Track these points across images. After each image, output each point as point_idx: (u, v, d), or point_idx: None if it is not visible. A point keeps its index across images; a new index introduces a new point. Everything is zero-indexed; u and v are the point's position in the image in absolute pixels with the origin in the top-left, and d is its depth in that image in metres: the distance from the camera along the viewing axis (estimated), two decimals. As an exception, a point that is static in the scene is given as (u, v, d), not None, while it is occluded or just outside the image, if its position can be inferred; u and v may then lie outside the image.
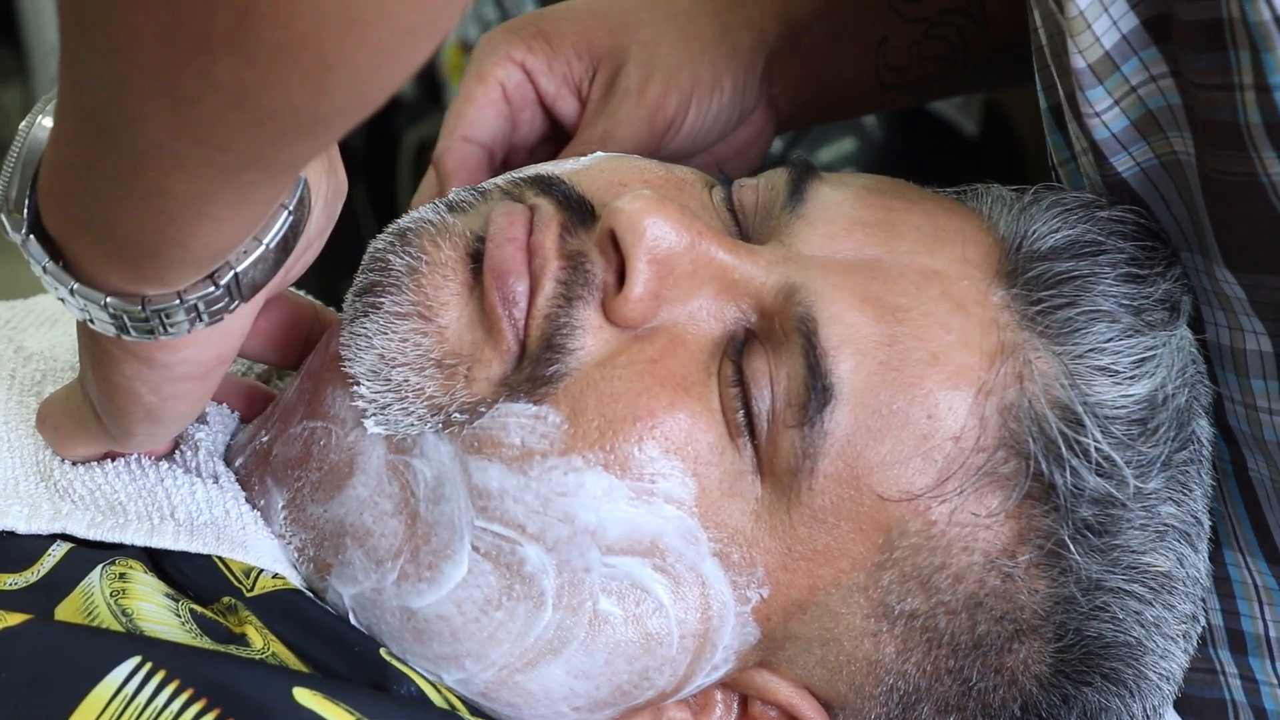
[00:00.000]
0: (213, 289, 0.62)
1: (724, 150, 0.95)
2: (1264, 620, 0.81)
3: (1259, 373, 0.73)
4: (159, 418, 0.69)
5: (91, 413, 0.71)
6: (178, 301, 0.62)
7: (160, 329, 0.63)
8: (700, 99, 0.90)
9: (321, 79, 0.46)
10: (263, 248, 0.63)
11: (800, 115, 0.98)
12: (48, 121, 0.61)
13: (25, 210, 0.61)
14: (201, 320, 0.63)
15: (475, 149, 0.89)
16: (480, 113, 0.90)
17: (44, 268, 0.62)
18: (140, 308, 0.61)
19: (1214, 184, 0.69)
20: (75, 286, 0.61)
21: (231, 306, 0.63)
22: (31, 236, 0.62)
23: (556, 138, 0.93)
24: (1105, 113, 0.73)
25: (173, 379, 0.67)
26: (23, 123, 0.62)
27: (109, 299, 0.61)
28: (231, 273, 0.62)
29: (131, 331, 0.63)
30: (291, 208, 0.63)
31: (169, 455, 0.77)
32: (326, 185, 0.68)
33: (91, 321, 0.63)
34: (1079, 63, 0.71)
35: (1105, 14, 0.70)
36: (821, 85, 0.95)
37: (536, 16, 0.93)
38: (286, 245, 0.64)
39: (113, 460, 0.76)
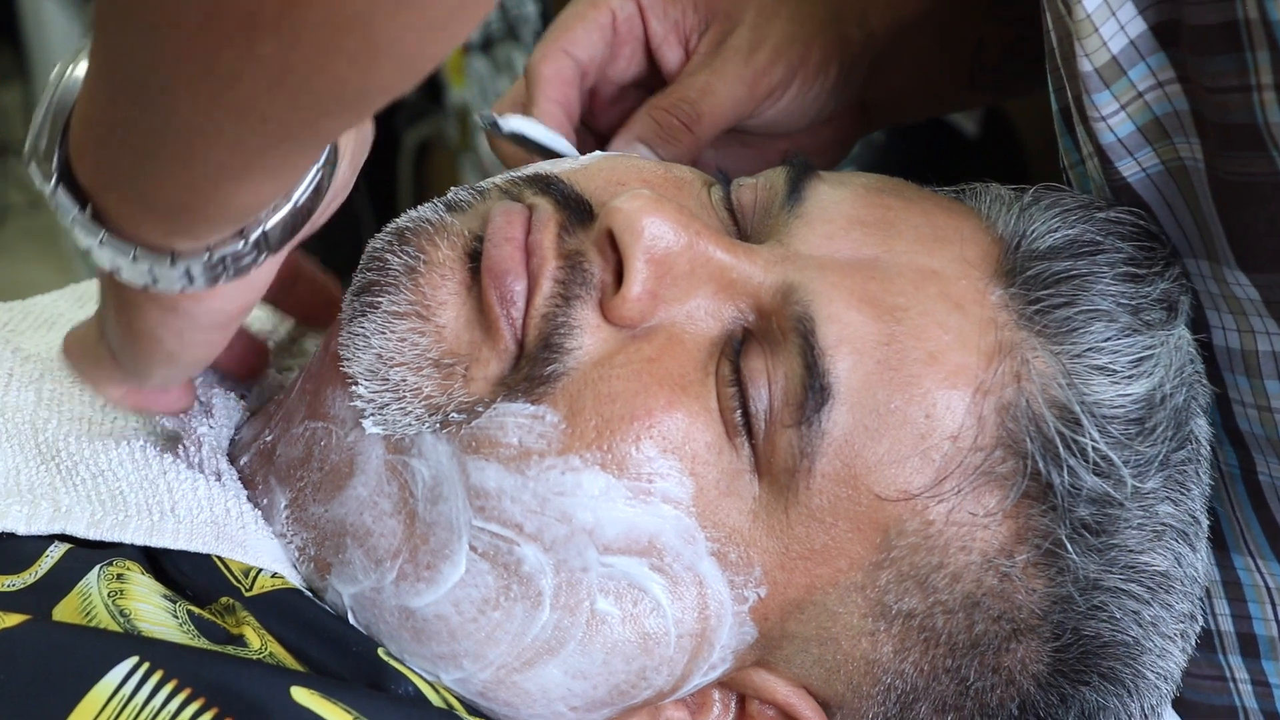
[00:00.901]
0: (241, 245, 0.62)
1: (806, 141, 0.94)
2: (1276, 622, 0.81)
3: (1273, 374, 0.73)
4: (179, 361, 0.69)
5: (107, 355, 0.72)
6: (206, 256, 0.62)
7: (188, 282, 0.63)
8: (805, 77, 0.89)
9: (370, 58, 0.47)
10: (291, 205, 0.63)
11: (886, 117, 0.97)
12: (80, 73, 0.61)
13: (55, 161, 0.62)
14: (228, 273, 0.63)
15: (571, 63, 0.88)
16: (586, 32, 0.89)
17: (73, 218, 0.62)
18: (170, 261, 0.62)
19: (1227, 187, 0.69)
20: (104, 237, 0.62)
21: (260, 260, 0.64)
22: (61, 187, 0.62)
23: (649, 83, 0.92)
24: (1111, 117, 0.73)
25: (197, 328, 0.67)
26: (54, 72, 0.62)
27: (138, 251, 0.61)
28: (260, 229, 0.63)
29: (159, 282, 0.63)
30: (320, 164, 0.63)
31: (173, 450, 0.77)
32: (353, 139, 0.69)
33: (119, 272, 0.63)
34: (1086, 66, 0.71)
35: (1113, 18, 0.70)
36: (918, 85, 0.95)
37: None
38: (314, 201, 0.64)
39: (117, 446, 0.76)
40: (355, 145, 0.69)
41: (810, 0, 0.90)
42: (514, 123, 0.82)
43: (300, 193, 0.63)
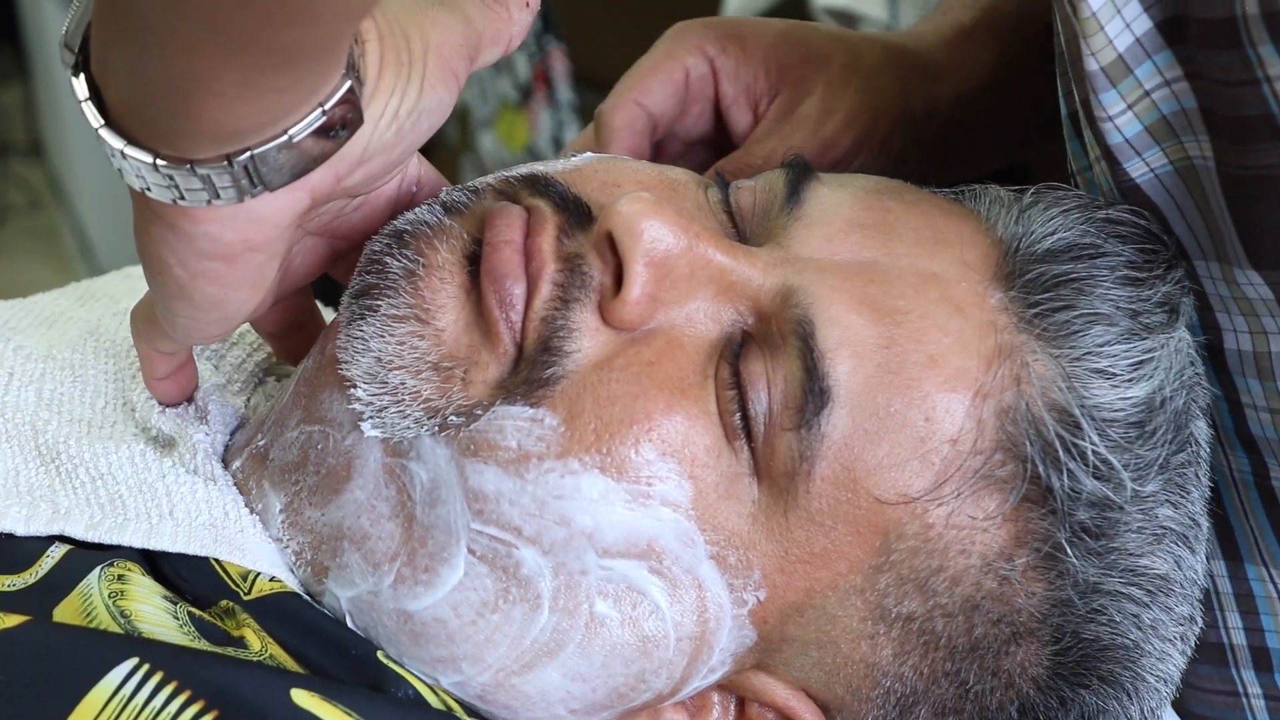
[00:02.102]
0: (226, 165, 0.62)
1: None
2: None
3: None
4: (192, 297, 0.68)
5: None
6: (188, 168, 0.62)
7: (176, 193, 0.63)
8: (871, 150, 0.90)
9: None
10: (284, 138, 0.62)
11: (953, 172, 0.97)
12: None
13: (77, 50, 0.63)
14: (219, 196, 0.63)
15: (643, 115, 0.90)
16: (660, 86, 0.90)
17: (81, 104, 0.63)
18: (151, 164, 0.62)
19: (1239, 182, 0.69)
20: (102, 125, 0.63)
21: (253, 191, 0.63)
22: (81, 76, 0.63)
23: (715, 142, 0.93)
24: (1119, 117, 0.72)
25: (196, 253, 0.66)
26: None
27: (126, 148, 0.62)
28: (247, 155, 0.62)
29: (152, 190, 0.63)
30: (327, 107, 0.63)
31: (170, 453, 0.77)
32: (400, 100, 0.68)
33: (121, 170, 0.64)
34: (1092, 65, 0.71)
35: (1118, 15, 0.70)
36: (982, 143, 0.96)
37: (738, 21, 0.94)
38: (315, 148, 0.64)
39: (118, 449, 0.76)
40: (404, 108, 0.68)
41: (880, 75, 0.91)
42: None
43: (298, 129, 0.62)
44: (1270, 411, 0.74)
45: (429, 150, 0.75)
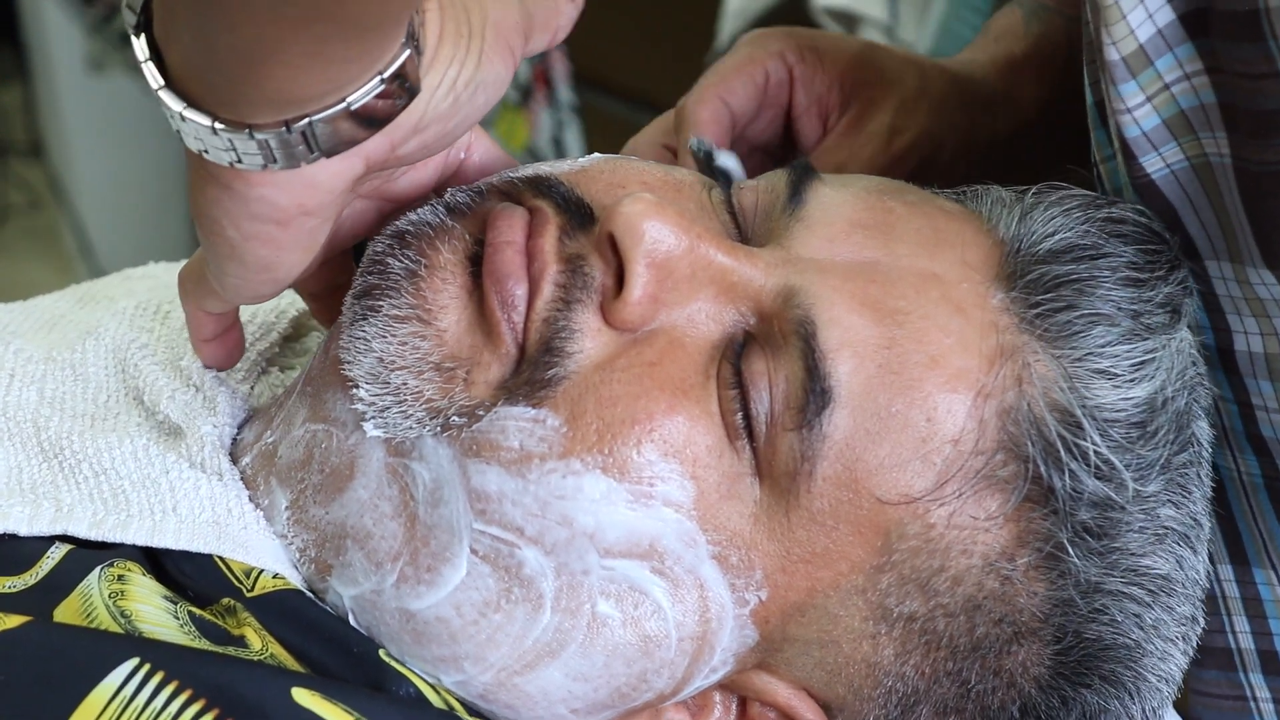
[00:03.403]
0: (285, 132, 0.63)
1: None
2: None
3: None
4: (243, 258, 0.69)
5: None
6: (246, 133, 0.63)
7: (234, 156, 0.63)
8: (935, 174, 0.90)
9: None
10: (343, 105, 0.63)
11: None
12: None
13: (139, 10, 0.64)
14: (275, 161, 0.64)
15: (726, 112, 0.90)
16: (743, 86, 0.91)
17: (141, 65, 0.64)
18: (210, 128, 0.63)
19: (1256, 179, 0.69)
20: (162, 87, 0.63)
21: (310, 157, 0.64)
22: (142, 36, 0.64)
23: (777, 151, 0.94)
24: (1137, 109, 0.72)
25: (250, 215, 0.67)
26: None
27: (185, 110, 0.63)
28: (306, 121, 0.63)
29: (210, 152, 0.64)
30: (386, 75, 0.63)
31: (175, 447, 0.77)
32: (458, 71, 0.68)
33: (180, 132, 0.64)
34: (1113, 55, 0.71)
35: (1141, 5, 0.69)
36: (1032, 176, 0.97)
37: (818, 34, 0.95)
38: (375, 114, 0.64)
39: (120, 443, 0.76)
40: (462, 80, 0.68)
41: (948, 103, 0.92)
42: (726, 160, 0.82)
43: (356, 97, 0.63)
44: None
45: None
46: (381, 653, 0.71)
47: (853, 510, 0.70)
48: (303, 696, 0.64)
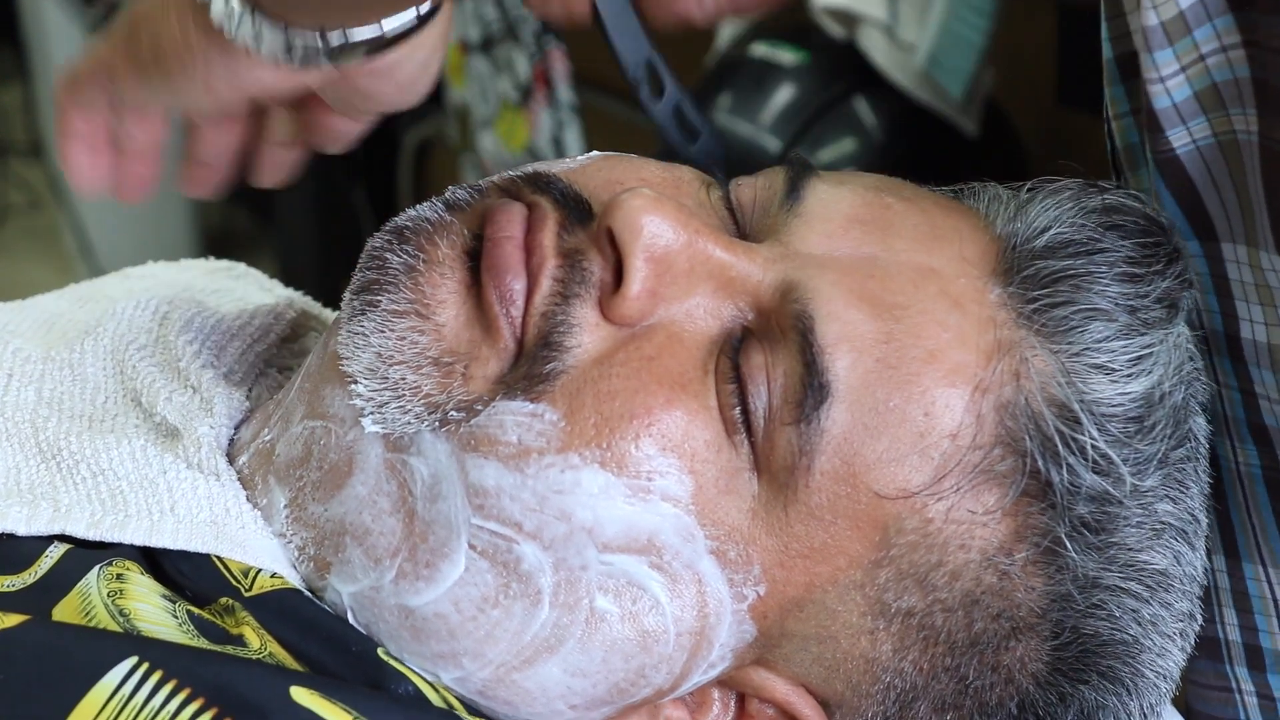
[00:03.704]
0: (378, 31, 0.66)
1: None
2: None
3: None
4: (185, 87, 0.71)
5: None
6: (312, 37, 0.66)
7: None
8: None
9: None
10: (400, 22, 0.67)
11: None
12: None
13: None
14: (292, 59, 0.67)
15: None
16: None
17: None
18: (320, 38, 0.66)
19: (1274, 156, 0.68)
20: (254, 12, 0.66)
21: (322, 50, 0.67)
22: None
23: None
24: (1170, 79, 0.71)
25: (232, 83, 0.70)
26: None
27: (289, 30, 0.66)
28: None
29: (264, 41, 0.66)
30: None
31: (172, 448, 0.77)
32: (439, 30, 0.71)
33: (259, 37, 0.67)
34: (1151, 19, 0.70)
35: None
36: None
37: None
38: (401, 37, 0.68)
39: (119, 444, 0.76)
40: (439, 39, 0.72)
41: None
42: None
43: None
44: None
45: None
46: (380, 651, 0.71)
47: (851, 505, 0.70)
48: (301, 695, 0.64)
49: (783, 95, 1.90)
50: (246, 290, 0.94)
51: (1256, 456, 0.77)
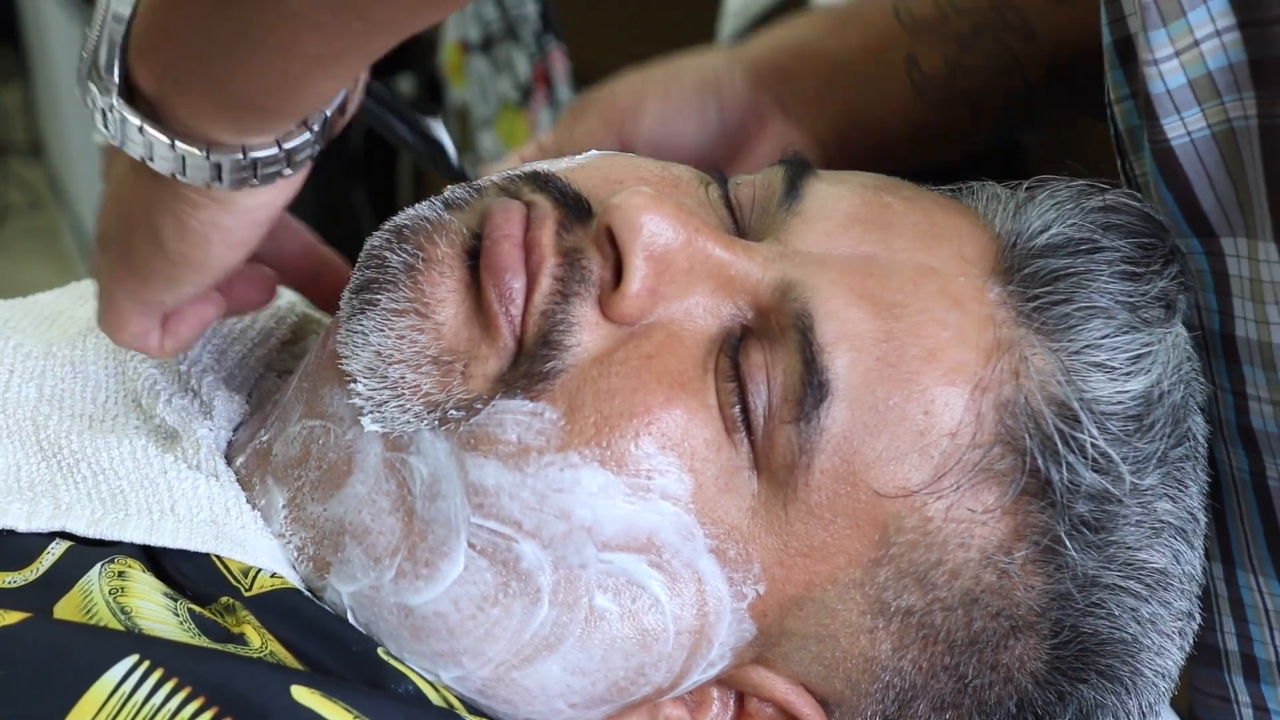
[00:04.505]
0: (307, 135, 0.66)
1: (726, 158, 0.97)
2: (1274, 646, 0.79)
3: None
4: (214, 268, 0.71)
5: (124, 278, 0.74)
6: (276, 150, 0.65)
7: (252, 175, 0.66)
8: (654, 95, 0.95)
9: None
10: (359, 87, 0.67)
11: (842, 138, 0.99)
12: (123, 9, 0.65)
13: (115, 73, 0.65)
14: (291, 168, 0.67)
15: None
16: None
17: (140, 128, 0.65)
18: (241, 157, 0.65)
19: (1272, 134, 0.67)
20: (176, 141, 0.65)
21: (315, 151, 0.67)
22: (121, 99, 0.65)
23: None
24: (1165, 62, 0.71)
25: (249, 224, 0.70)
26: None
27: (211, 151, 0.64)
28: (323, 116, 0.66)
29: (224, 179, 0.66)
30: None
31: (172, 450, 0.77)
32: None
33: (182, 173, 0.65)
34: None
35: None
36: (848, 103, 0.97)
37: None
38: (349, 107, 0.68)
39: (119, 444, 0.76)
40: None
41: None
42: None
43: (355, 91, 0.67)
44: (1273, 404, 0.73)
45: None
46: (380, 650, 0.71)
47: (850, 504, 0.70)
48: (302, 694, 0.64)
49: (782, 95, 1.90)
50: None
51: (1245, 461, 0.77)
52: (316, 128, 0.66)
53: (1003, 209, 0.76)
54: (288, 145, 0.66)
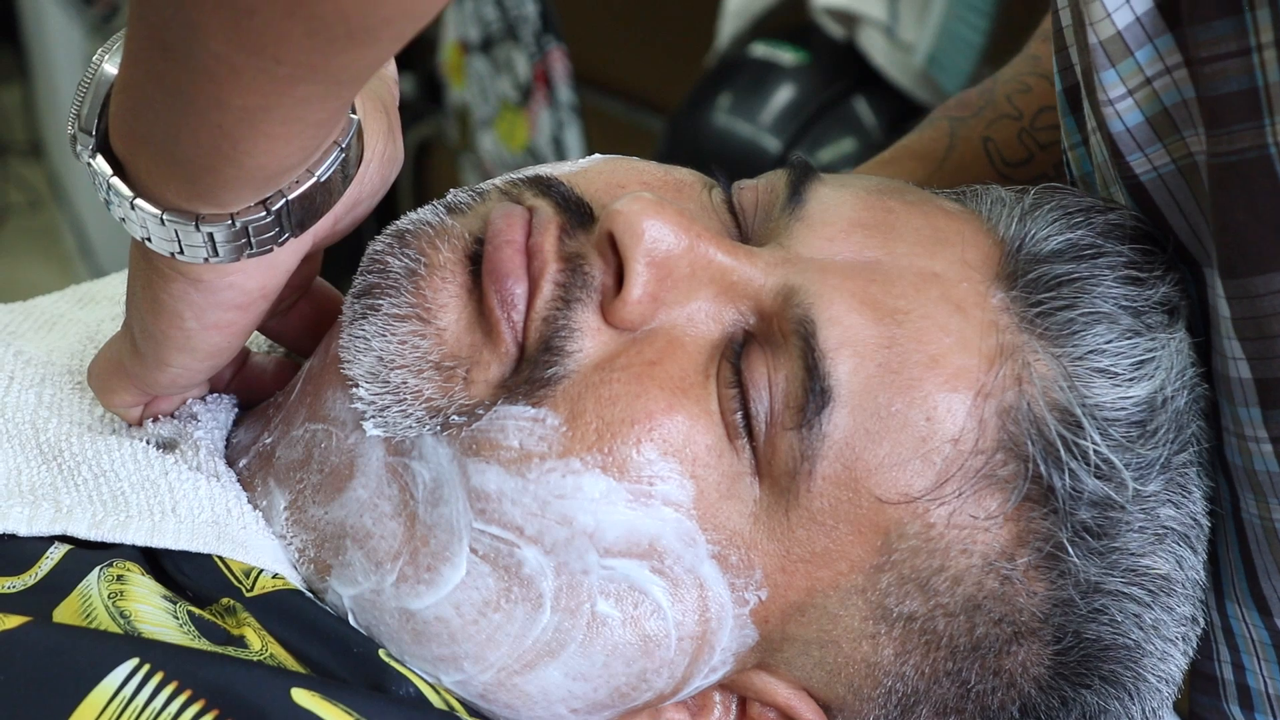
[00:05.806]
0: (264, 215, 0.65)
1: None
2: (1262, 676, 0.79)
3: (1242, 400, 0.71)
4: (196, 347, 0.72)
5: (130, 349, 0.74)
6: (230, 223, 0.65)
7: (211, 251, 0.66)
8: None
9: None
10: (314, 179, 0.66)
11: None
12: (112, 69, 0.65)
13: (95, 130, 0.66)
14: (251, 247, 0.66)
15: None
16: None
17: (107, 184, 0.65)
18: (194, 226, 0.65)
19: (1214, 172, 0.67)
20: (135, 200, 0.65)
21: (281, 238, 0.66)
22: (99, 155, 0.65)
23: None
24: (1119, 101, 0.71)
25: (217, 305, 0.70)
26: (95, 54, 0.66)
27: (166, 215, 0.64)
28: (283, 200, 0.65)
29: (185, 251, 0.66)
30: (344, 145, 0.66)
31: (172, 449, 0.77)
32: (384, 146, 0.72)
33: (149, 240, 0.66)
34: (1092, 38, 0.70)
35: None
36: None
37: None
38: (335, 186, 0.67)
39: (119, 444, 0.76)
40: (386, 155, 0.72)
41: None
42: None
43: (323, 169, 0.66)
44: (1237, 436, 0.73)
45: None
46: (382, 653, 0.71)
47: (852, 510, 0.70)
48: (302, 697, 0.64)
49: (783, 95, 1.91)
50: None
51: (1227, 494, 0.76)
52: (275, 208, 0.65)
53: (1007, 213, 0.75)
54: (242, 220, 0.65)
